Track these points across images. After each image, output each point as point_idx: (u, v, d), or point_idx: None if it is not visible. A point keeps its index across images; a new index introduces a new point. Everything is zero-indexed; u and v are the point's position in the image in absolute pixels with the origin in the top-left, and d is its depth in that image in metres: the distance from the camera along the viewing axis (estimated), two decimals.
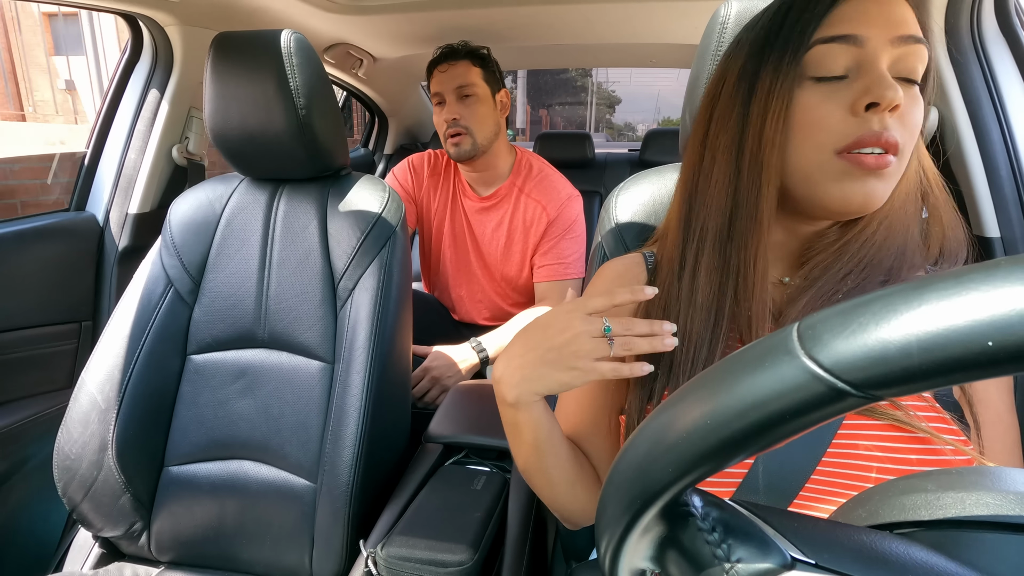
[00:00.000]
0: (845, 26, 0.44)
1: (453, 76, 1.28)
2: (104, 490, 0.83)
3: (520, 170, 1.37)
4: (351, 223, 0.89)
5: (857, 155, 0.44)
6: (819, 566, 0.22)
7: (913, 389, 0.17)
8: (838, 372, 0.18)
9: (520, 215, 1.34)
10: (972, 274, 0.16)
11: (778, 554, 0.22)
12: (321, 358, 0.87)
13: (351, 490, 0.80)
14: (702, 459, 0.21)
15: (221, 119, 0.86)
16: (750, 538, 0.23)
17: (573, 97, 22.06)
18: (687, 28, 1.54)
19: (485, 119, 1.29)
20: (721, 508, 0.25)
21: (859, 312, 0.18)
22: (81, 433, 0.84)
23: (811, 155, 0.45)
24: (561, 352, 0.46)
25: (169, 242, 0.92)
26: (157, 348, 0.87)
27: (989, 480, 0.25)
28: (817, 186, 0.46)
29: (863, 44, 0.44)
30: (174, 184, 1.30)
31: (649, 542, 0.25)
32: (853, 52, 0.44)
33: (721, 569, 0.23)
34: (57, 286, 1.15)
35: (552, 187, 1.34)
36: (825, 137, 0.45)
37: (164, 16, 1.15)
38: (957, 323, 0.16)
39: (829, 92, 0.45)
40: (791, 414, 0.19)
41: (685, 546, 0.24)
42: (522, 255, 1.36)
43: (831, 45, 0.45)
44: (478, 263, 1.43)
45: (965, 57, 0.79)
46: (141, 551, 0.87)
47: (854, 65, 0.45)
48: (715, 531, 0.24)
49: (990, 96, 0.78)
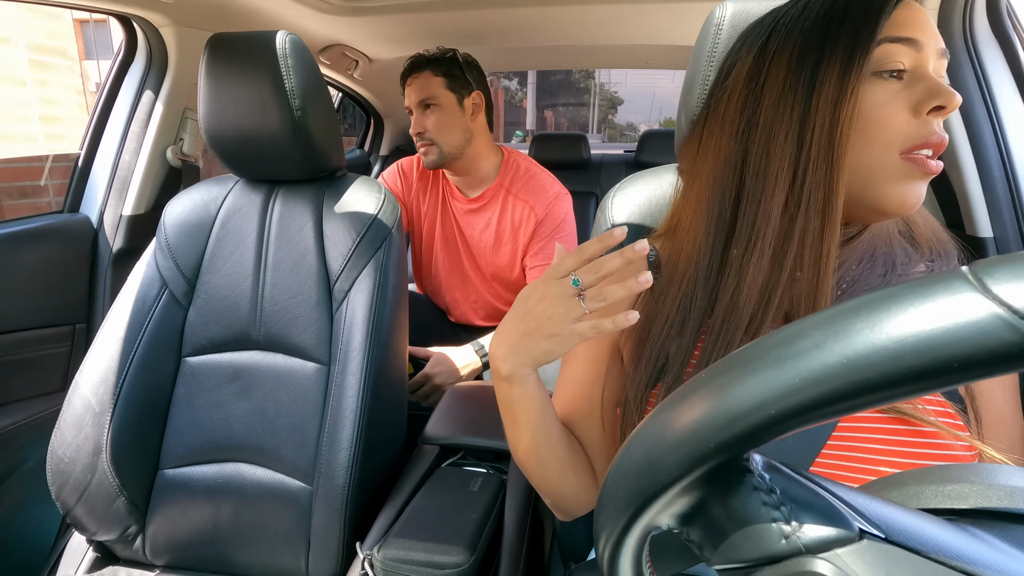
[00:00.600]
0: (907, 29, 0.45)
1: (416, 89, 1.30)
2: (98, 494, 0.83)
3: (507, 170, 1.36)
4: (347, 224, 0.89)
5: (922, 157, 0.44)
6: (889, 540, 0.20)
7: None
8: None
9: (508, 216, 1.34)
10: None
11: (845, 523, 0.21)
12: (317, 360, 0.87)
13: (347, 492, 0.80)
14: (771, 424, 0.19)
15: (216, 120, 0.86)
16: (814, 505, 0.22)
17: (576, 98, 22.24)
18: (682, 30, 1.54)
19: (449, 127, 1.29)
20: (780, 472, 0.23)
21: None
22: (75, 436, 0.83)
23: (877, 154, 0.45)
24: (539, 320, 0.47)
25: (164, 244, 0.92)
26: (152, 350, 0.87)
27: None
28: (878, 185, 0.46)
29: (921, 49, 0.45)
30: (169, 185, 1.29)
31: (682, 505, 0.24)
32: (913, 55, 0.45)
33: (779, 531, 0.21)
34: (51, 288, 1.14)
35: (539, 186, 1.33)
36: (893, 137, 0.45)
37: (158, 17, 1.14)
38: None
39: (893, 92, 0.45)
40: (961, 364, 0.16)
41: (734, 506, 0.23)
42: (511, 256, 1.36)
43: (897, 45, 0.45)
44: (470, 264, 1.42)
45: (957, 58, 0.79)
46: (136, 555, 0.86)
47: (912, 67, 0.45)
48: (774, 492, 0.22)
49: (982, 97, 0.78)
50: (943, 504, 0.24)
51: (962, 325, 0.16)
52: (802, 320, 0.20)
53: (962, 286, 0.17)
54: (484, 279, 1.42)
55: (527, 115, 17.38)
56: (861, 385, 0.18)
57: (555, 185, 1.35)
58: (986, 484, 0.24)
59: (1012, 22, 0.79)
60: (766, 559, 0.22)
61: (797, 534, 0.21)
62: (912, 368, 0.17)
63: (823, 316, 0.19)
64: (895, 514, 0.21)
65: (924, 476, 0.26)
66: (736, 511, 0.23)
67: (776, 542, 0.21)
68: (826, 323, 0.19)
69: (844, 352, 0.18)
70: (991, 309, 0.16)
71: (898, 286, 0.18)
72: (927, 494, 0.25)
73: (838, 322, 0.19)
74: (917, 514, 0.22)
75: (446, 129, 1.30)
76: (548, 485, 0.57)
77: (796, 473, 0.24)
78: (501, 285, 1.42)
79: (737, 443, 0.20)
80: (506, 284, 1.41)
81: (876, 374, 0.17)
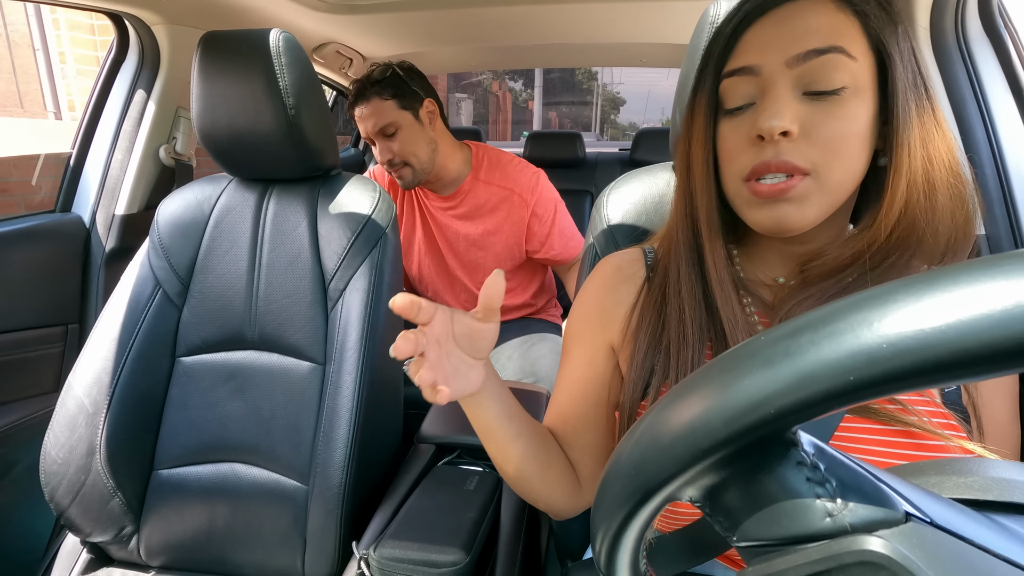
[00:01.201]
0: (743, 57, 0.47)
1: (369, 118, 1.25)
2: (92, 495, 0.82)
3: (479, 163, 1.36)
4: (341, 223, 0.88)
5: (754, 184, 0.46)
6: (935, 524, 0.20)
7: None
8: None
9: (492, 204, 1.33)
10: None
11: (892, 505, 0.20)
12: (312, 359, 0.86)
13: (343, 491, 0.80)
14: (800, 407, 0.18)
15: (209, 119, 0.85)
16: (860, 485, 0.21)
17: (579, 98, 22.38)
18: (676, 28, 1.54)
19: (416, 144, 1.27)
20: (824, 451, 0.22)
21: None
22: (68, 437, 0.83)
23: (730, 183, 0.49)
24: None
25: (157, 243, 0.91)
26: (145, 351, 0.87)
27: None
28: (740, 211, 0.50)
29: (759, 72, 0.46)
30: (162, 185, 1.29)
31: (714, 477, 0.23)
32: (753, 81, 0.46)
33: (823, 509, 0.21)
34: (43, 288, 1.13)
35: (515, 170, 1.34)
36: (736, 167, 0.48)
37: (150, 15, 1.13)
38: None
39: (737, 123, 0.47)
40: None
41: (775, 479, 0.21)
42: (505, 245, 1.35)
43: (733, 79, 0.47)
44: (455, 264, 1.41)
45: (949, 56, 0.80)
46: (130, 556, 0.86)
47: (757, 93, 0.46)
48: (819, 468, 0.21)
49: (974, 95, 0.79)
50: (966, 495, 0.23)
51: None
52: (887, 284, 0.19)
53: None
54: (471, 275, 1.41)
55: (534, 116, 17.65)
56: (962, 356, 0.16)
57: (527, 167, 1.36)
58: (1008, 479, 0.23)
59: (1004, 21, 0.80)
60: (807, 536, 0.21)
61: (843, 512, 0.20)
62: (989, 348, 0.16)
63: (917, 278, 0.18)
64: (933, 500, 0.21)
65: (943, 467, 0.25)
66: (778, 485, 0.21)
67: (820, 519, 0.21)
68: (917, 286, 0.17)
69: (945, 319, 0.16)
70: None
71: (981, 259, 0.17)
72: (949, 484, 0.24)
73: (933, 286, 0.17)
74: (951, 503, 0.21)
75: (413, 148, 1.27)
76: (533, 491, 0.58)
77: (840, 453, 0.23)
78: (483, 277, 1.40)
79: (798, 410, 0.19)
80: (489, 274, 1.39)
81: (977, 343, 0.16)
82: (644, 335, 0.53)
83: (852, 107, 0.44)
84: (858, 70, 0.44)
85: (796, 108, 0.44)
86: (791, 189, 0.45)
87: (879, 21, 0.44)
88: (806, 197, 0.45)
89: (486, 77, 17.35)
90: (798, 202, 0.45)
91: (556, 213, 1.35)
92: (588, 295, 0.61)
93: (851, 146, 0.45)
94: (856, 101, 0.44)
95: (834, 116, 0.44)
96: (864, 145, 0.45)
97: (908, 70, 0.45)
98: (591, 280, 0.62)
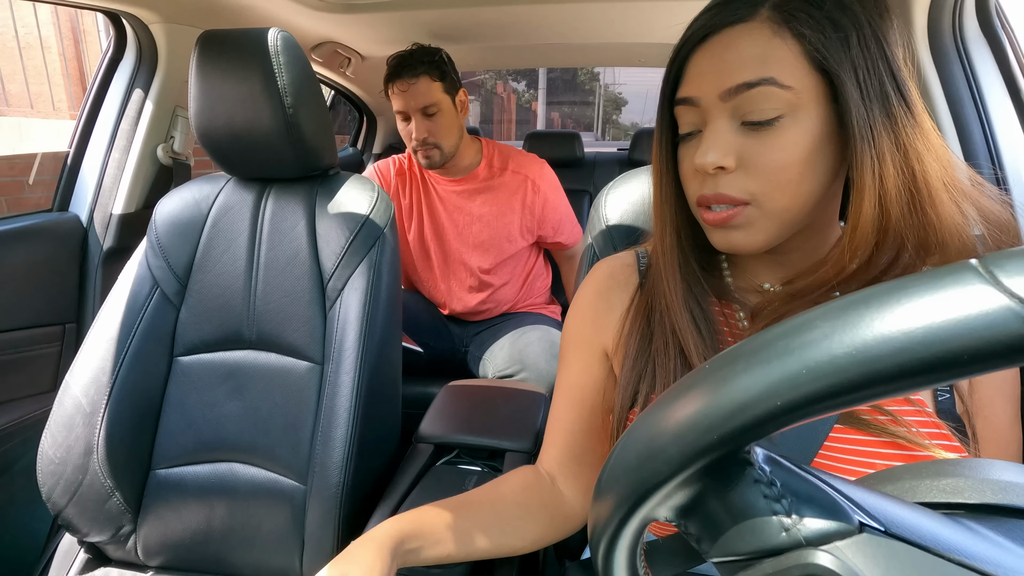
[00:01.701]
0: (686, 87, 0.47)
1: (415, 95, 1.28)
2: (90, 494, 0.82)
3: (489, 152, 1.44)
4: (340, 223, 0.88)
5: (703, 211, 0.48)
6: (889, 533, 0.20)
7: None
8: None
9: (508, 188, 1.41)
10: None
11: (845, 517, 0.21)
12: (310, 359, 0.86)
13: (342, 491, 0.80)
14: (766, 420, 0.19)
15: (207, 118, 0.85)
16: (814, 498, 0.22)
17: (581, 98, 22.47)
18: (675, 27, 1.54)
19: (451, 129, 1.33)
20: (781, 465, 0.23)
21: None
22: (66, 437, 0.83)
23: (692, 206, 0.50)
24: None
25: (155, 243, 0.91)
26: (143, 350, 0.86)
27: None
28: (704, 230, 0.50)
29: (699, 103, 0.46)
30: (159, 184, 1.28)
31: (681, 497, 0.24)
32: (695, 111, 0.47)
33: (779, 524, 0.21)
34: (40, 288, 1.13)
35: (523, 158, 1.44)
36: (689, 191, 0.49)
37: (148, 14, 1.13)
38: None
39: (687, 149, 0.49)
40: (971, 357, 0.16)
41: (734, 498, 0.22)
42: (517, 226, 1.41)
43: (680, 107, 0.48)
44: (460, 244, 1.44)
45: (947, 57, 0.80)
46: (128, 556, 0.86)
47: (700, 122, 0.47)
48: (774, 485, 0.22)
49: (972, 96, 0.79)
50: (938, 498, 0.24)
51: (973, 317, 0.16)
52: (810, 311, 0.20)
53: (972, 278, 0.17)
54: (477, 254, 1.44)
55: (538, 116, 17.81)
56: (870, 376, 0.17)
57: (531, 155, 1.47)
58: (980, 479, 0.24)
59: (1001, 22, 0.80)
60: (766, 551, 0.22)
61: (798, 527, 0.21)
62: (923, 359, 0.17)
63: (832, 307, 0.19)
64: (894, 508, 0.22)
65: (919, 470, 0.26)
66: (737, 503, 0.23)
67: (776, 534, 0.21)
68: (834, 314, 0.19)
69: (852, 343, 0.18)
70: (1002, 301, 0.16)
71: (907, 277, 0.18)
72: (922, 488, 0.25)
73: (847, 313, 0.18)
74: (914, 508, 0.22)
75: (448, 132, 1.32)
76: (526, 547, 0.59)
77: (796, 466, 0.24)
78: (491, 256, 1.44)
79: (740, 434, 0.20)
80: (499, 254, 1.43)
81: (885, 365, 0.17)
82: (634, 341, 0.54)
83: (790, 135, 0.43)
84: (794, 98, 0.42)
85: (731, 141, 0.44)
86: (734, 217, 0.46)
87: (820, 40, 0.41)
88: (751, 223, 0.46)
89: (489, 77, 17.38)
90: (744, 228, 0.46)
91: (563, 199, 1.46)
92: (582, 301, 0.62)
93: (791, 173, 0.43)
94: (794, 128, 0.43)
95: (769, 147, 0.43)
96: (809, 168, 0.43)
97: (871, 79, 0.42)
98: (585, 285, 0.63)
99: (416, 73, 1.27)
